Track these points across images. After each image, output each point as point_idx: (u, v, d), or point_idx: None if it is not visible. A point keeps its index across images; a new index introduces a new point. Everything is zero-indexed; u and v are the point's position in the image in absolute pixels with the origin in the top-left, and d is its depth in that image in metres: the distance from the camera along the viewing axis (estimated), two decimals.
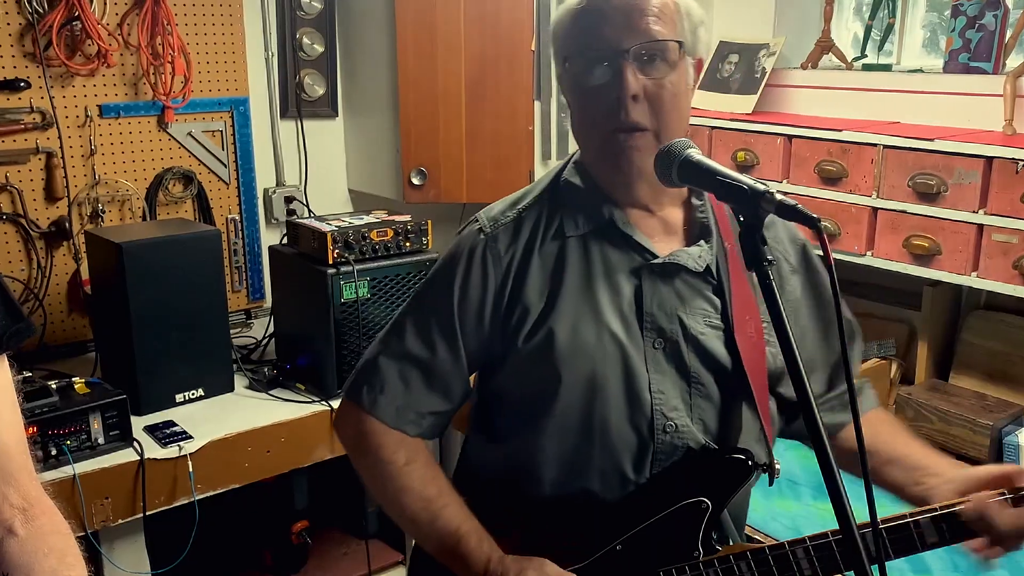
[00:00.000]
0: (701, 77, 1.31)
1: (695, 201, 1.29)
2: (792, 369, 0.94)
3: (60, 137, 2.49)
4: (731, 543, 1.27)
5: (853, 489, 0.90)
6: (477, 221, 1.29)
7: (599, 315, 1.21)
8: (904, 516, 1.15)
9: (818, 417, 0.92)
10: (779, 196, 0.96)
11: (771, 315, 0.96)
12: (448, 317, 1.25)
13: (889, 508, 1.17)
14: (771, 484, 1.26)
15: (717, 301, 1.24)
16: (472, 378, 1.35)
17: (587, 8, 1.19)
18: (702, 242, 1.25)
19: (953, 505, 1.15)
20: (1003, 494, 1.15)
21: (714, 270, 1.25)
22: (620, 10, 1.16)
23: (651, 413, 1.20)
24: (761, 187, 0.97)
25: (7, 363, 1.10)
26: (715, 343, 1.23)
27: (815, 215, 0.92)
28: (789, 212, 0.95)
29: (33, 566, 1.02)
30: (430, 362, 1.27)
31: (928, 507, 1.16)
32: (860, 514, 0.91)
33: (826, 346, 1.35)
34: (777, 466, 1.24)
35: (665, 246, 1.25)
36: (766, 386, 1.26)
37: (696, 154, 1.07)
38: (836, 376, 1.37)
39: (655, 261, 1.22)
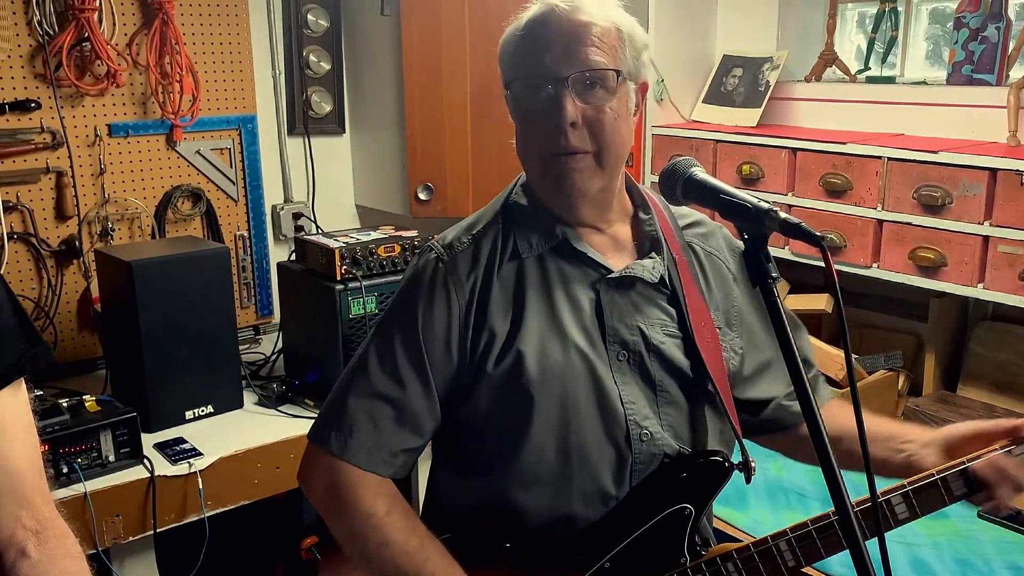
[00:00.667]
0: (646, 98, 1.32)
1: (642, 215, 1.31)
2: (797, 383, 0.96)
3: (70, 156, 2.52)
4: (712, 545, 1.29)
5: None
6: (432, 250, 1.27)
7: (564, 332, 1.21)
8: (929, 475, 1.19)
9: (820, 420, 0.95)
10: (782, 214, 0.97)
11: (775, 327, 0.97)
12: (415, 349, 1.22)
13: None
14: (748, 482, 1.27)
15: (672, 311, 1.27)
16: None
17: (528, 35, 1.20)
18: (653, 254, 1.27)
19: (964, 463, 1.19)
20: (1006, 447, 1.19)
21: (667, 280, 1.27)
22: (560, 38, 1.17)
23: (626, 424, 1.22)
24: (765, 205, 0.99)
25: (24, 386, 1.11)
26: (675, 351, 1.25)
27: (819, 233, 0.93)
28: (793, 230, 0.96)
29: None
30: (399, 398, 1.23)
31: (946, 466, 1.20)
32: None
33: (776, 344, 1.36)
34: (753, 464, 1.25)
35: (618, 261, 1.27)
36: (728, 388, 1.28)
37: (700, 172, 1.09)
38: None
39: (611, 275, 1.24)
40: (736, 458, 1.26)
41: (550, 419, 1.20)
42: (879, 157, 2.15)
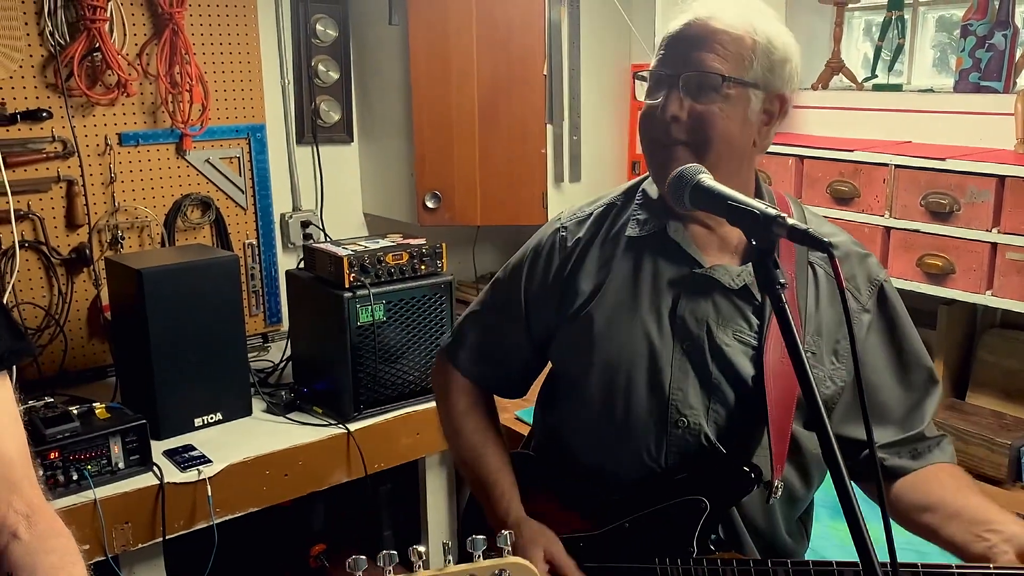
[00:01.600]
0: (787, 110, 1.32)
1: None
2: (807, 394, 0.94)
3: (81, 165, 2.54)
4: (726, 548, 1.28)
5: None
6: (559, 219, 1.44)
7: (636, 311, 1.30)
8: (949, 567, 1.12)
9: (835, 447, 0.93)
10: (791, 220, 0.97)
11: (784, 338, 0.97)
12: (517, 298, 1.44)
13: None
14: (768, 501, 1.28)
15: (756, 321, 1.27)
16: None
17: (670, 36, 1.29)
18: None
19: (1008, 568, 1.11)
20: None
21: (756, 291, 1.27)
22: (687, 42, 1.25)
23: (667, 408, 1.28)
24: (772, 211, 0.98)
25: (8, 379, 1.17)
26: (740, 357, 1.27)
27: (826, 239, 0.93)
28: (800, 236, 0.96)
29: (36, 564, 1.09)
30: (500, 330, 1.48)
31: (1007, 568, 1.11)
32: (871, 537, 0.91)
33: (901, 390, 1.33)
34: (778, 486, 1.25)
35: (717, 259, 1.30)
36: (791, 411, 1.26)
37: (707, 179, 1.09)
38: (909, 421, 1.34)
39: (697, 271, 1.29)
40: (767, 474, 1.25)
41: (601, 380, 1.32)
42: (886, 164, 2.15)
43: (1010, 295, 1.98)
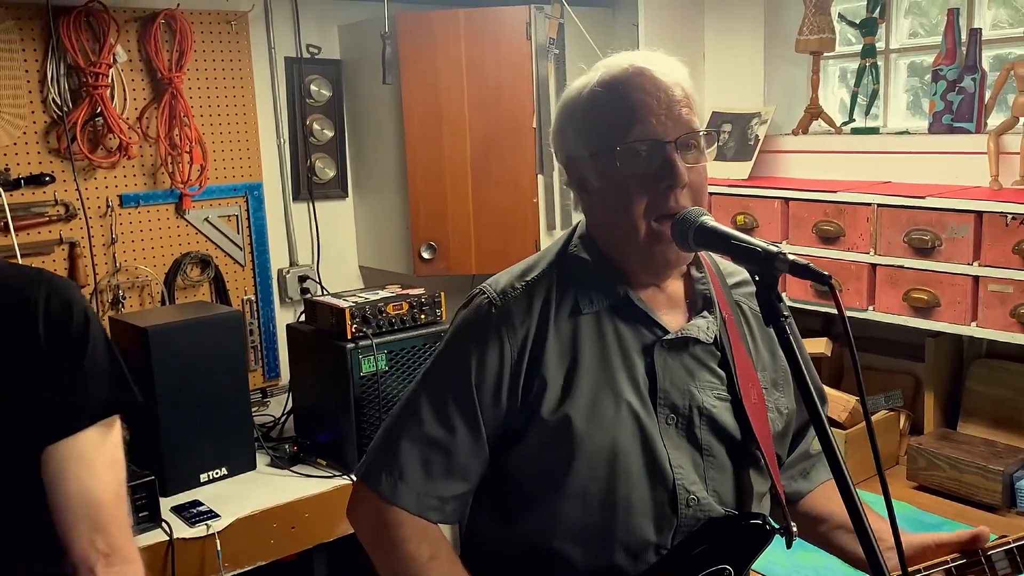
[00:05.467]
0: None
1: (695, 273, 1.32)
2: (813, 416, 1.00)
3: (87, 227, 2.58)
4: None
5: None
6: (484, 295, 1.27)
7: (617, 390, 1.22)
8: None
9: (841, 457, 0.97)
10: (791, 256, 1.03)
11: (790, 365, 1.02)
12: (467, 396, 1.22)
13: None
14: (788, 547, 1.28)
15: (722, 373, 1.28)
16: None
17: (623, 99, 1.19)
18: (706, 313, 1.28)
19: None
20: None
21: (718, 340, 1.28)
22: (660, 101, 1.18)
23: (674, 487, 1.22)
24: (774, 248, 1.04)
25: (117, 425, 1.24)
26: (725, 415, 1.26)
27: (826, 272, 0.99)
28: (801, 271, 1.01)
29: None
30: (451, 445, 1.23)
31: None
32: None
33: (799, 406, 1.37)
34: (794, 528, 1.27)
35: (672, 319, 1.27)
36: (773, 451, 1.30)
37: (710, 220, 1.15)
38: (799, 436, 1.42)
39: (668, 336, 1.24)
40: (777, 521, 1.27)
41: (597, 471, 1.20)
42: (869, 204, 2.23)
43: (994, 326, 2.06)
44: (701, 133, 1.21)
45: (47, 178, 2.52)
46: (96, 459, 1.20)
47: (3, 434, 1.17)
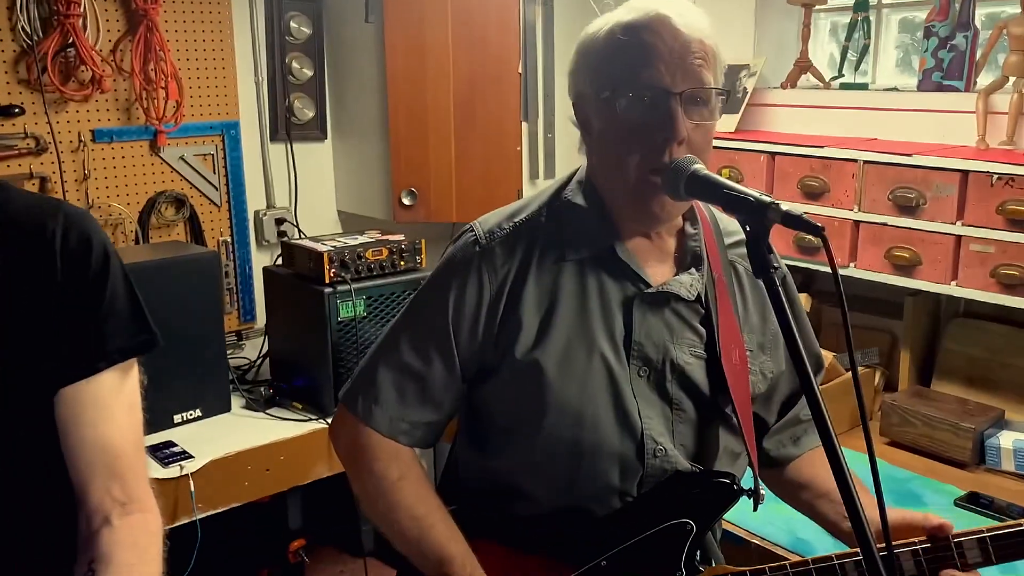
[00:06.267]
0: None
1: (689, 229, 1.30)
2: (802, 375, 0.98)
3: (58, 162, 2.51)
4: (713, 564, 1.30)
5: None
6: (472, 232, 1.28)
7: (591, 339, 1.22)
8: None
9: (829, 422, 0.96)
10: (784, 206, 1.01)
11: (779, 321, 1.00)
12: (443, 330, 1.25)
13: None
14: (755, 509, 1.29)
15: (703, 330, 1.27)
16: None
17: (634, 42, 1.17)
18: (693, 270, 1.27)
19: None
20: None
21: (703, 298, 1.27)
22: (673, 50, 1.15)
23: (641, 438, 1.23)
24: (767, 198, 1.02)
25: (135, 368, 1.18)
26: (698, 373, 1.26)
27: (819, 224, 0.97)
28: (795, 222, 1.00)
29: (113, 556, 1.08)
30: (425, 374, 1.27)
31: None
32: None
33: (790, 371, 1.37)
34: (762, 492, 1.28)
35: (658, 272, 1.27)
36: (751, 413, 1.29)
37: (702, 170, 1.12)
38: (790, 401, 1.41)
39: (648, 291, 1.24)
40: (748, 483, 1.27)
41: (566, 417, 1.22)
42: (855, 160, 2.22)
43: (973, 285, 2.07)
44: (712, 90, 1.17)
45: (16, 110, 2.44)
46: (113, 404, 1.14)
47: (15, 374, 1.09)
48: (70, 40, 2.45)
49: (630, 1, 1.22)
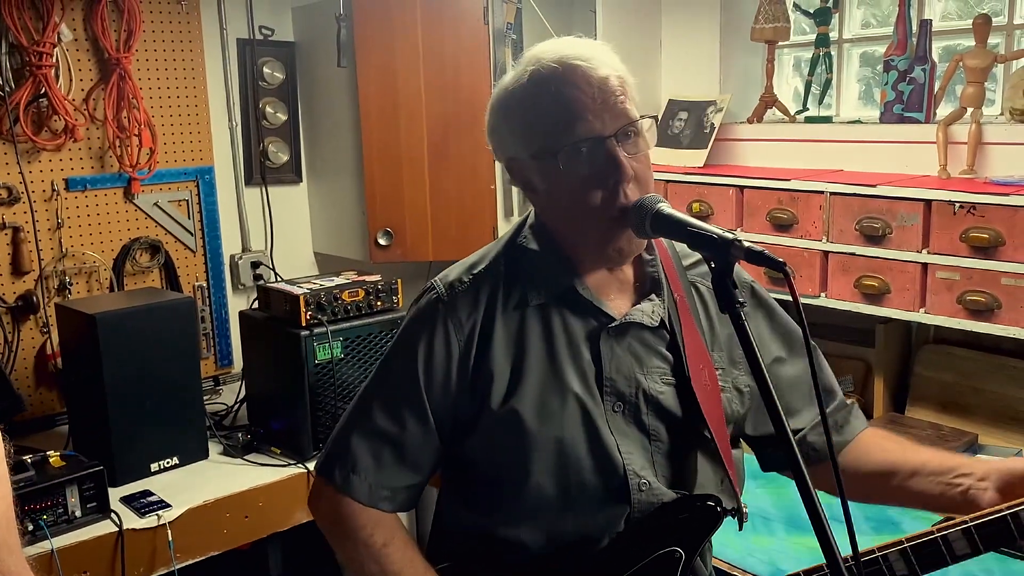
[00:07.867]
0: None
1: (645, 256, 1.32)
2: (768, 402, 1.00)
3: (32, 211, 2.51)
4: None
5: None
6: (434, 289, 1.30)
7: (563, 381, 1.23)
8: (996, 511, 1.13)
9: (795, 448, 0.98)
10: (747, 243, 1.04)
11: (746, 354, 1.03)
12: (415, 390, 1.26)
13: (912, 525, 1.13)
14: (740, 529, 1.30)
15: (670, 356, 1.28)
16: None
17: (558, 97, 1.17)
18: (653, 296, 1.29)
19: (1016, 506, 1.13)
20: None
21: (667, 323, 1.28)
22: (595, 97, 1.17)
23: (624, 474, 1.23)
24: (729, 235, 1.05)
25: None
26: (671, 400, 1.27)
27: (781, 259, 0.99)
28: (757, 257, 1.02)
29: None
30: (400, 437, 1.27)
31: (988, 511, 1.15)
32: (842, 545, 0.97)
33: (798, 362, 1.38)
34: (745, 510, 1.28)
35: (619, 304, 1.28)
36: (726, 433, 1.30)
37: (666, 208, 1.15)
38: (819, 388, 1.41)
39: (612, 325, 1.25)
40: (732, 503, 1.28)
41: (548, 462, 1.23)
42: (822, 192, 2.27)
43: (941, 312, 2.10)
44: (640, 121, 1.20)
45: None
46: None
47: None
48: (42, 90, 2.45)
49: (532, 51, 1.24)
